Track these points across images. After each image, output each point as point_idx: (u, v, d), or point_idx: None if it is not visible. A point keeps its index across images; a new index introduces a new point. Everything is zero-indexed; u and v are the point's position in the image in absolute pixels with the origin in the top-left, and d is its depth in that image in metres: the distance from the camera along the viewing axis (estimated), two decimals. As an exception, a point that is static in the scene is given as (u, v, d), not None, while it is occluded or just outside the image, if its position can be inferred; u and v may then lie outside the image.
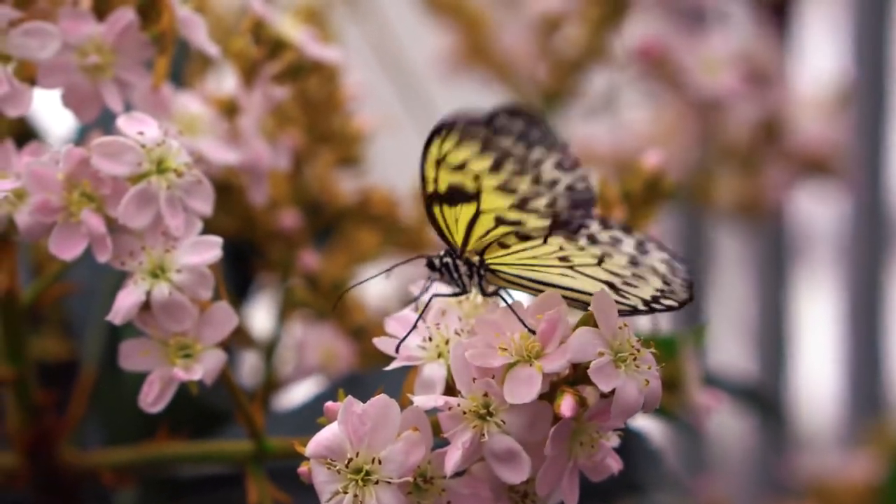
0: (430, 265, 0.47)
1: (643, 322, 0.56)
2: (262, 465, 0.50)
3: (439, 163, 0.45)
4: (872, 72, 1.12)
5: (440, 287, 0.48)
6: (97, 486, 0.55)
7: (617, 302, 0.46)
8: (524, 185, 0.45)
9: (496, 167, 0.45)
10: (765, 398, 0.81)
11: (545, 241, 0.46)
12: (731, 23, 1.07)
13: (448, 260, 0.47)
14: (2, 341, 0.53)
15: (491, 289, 0.48)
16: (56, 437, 0.55)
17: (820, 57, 1.18)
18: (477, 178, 0.45)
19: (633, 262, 0.47)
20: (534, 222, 0.46)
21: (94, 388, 0.59)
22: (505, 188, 0.45)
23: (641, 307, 0.47)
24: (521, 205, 0.45)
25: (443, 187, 0.46)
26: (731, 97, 0.87)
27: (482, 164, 0.45)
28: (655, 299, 0.46)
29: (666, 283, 0.46)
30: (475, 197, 0.46)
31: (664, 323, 0.58)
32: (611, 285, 0.46)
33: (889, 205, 1.14)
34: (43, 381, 0.55)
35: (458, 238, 0.47)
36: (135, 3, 0.51)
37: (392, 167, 0.72)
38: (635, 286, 0.46)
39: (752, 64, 0.88)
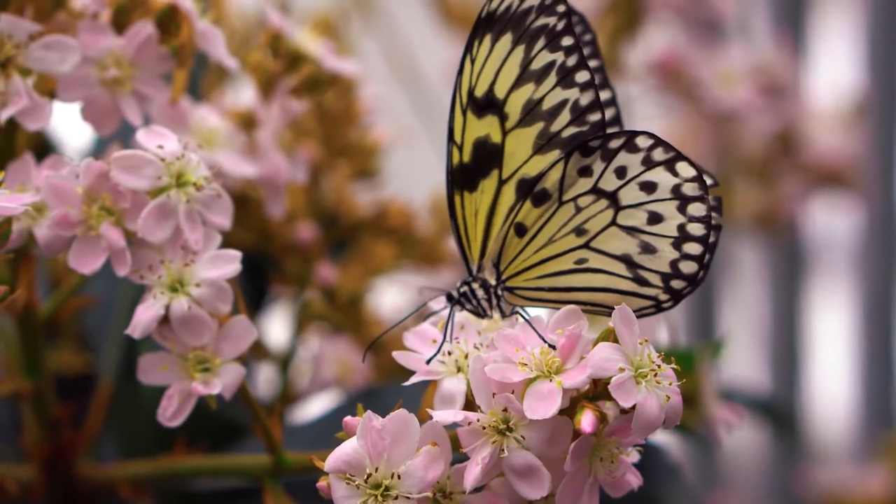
0: (449, 298, 0.48)
1: (661, 335, 0.56)
2: (280, 479, 0.50)
3: (469, 103, 0.46)
4: (887, 85, 1.12)
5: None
6: (114, 499, 0.55)
7: (636, 294, 0.46)
8: (549, 92, 0.45)
9: (525, 67, 0.45)
10: (778, 410, 0.81)
11: (561, 202, 0.46)
12: (746, 35, 1.07)
13: (465, 289, 0.47)
14: (20, 354, 0.53)
15: (509, 309, 0.48)
16: (73, 451, 0.55)
17: (835, 70, 1.18)
18: (502, 110, 0.45)
19: (644, 190, 0.46)
20: (555, 172, 0.46)
21: (111, 401, 0.59)
22: (530, 109, 0.45)
23: (663, 296, 0.46)
24: (546, 128, 0.45)
25: (468, 150, 0.46)
26: (747, 110, 0.87)
27: (511, 70, 0.45)
28: (675, 267, 0.46)
29: (680, 222, 0.46)
30: (499, 155, 0.46)
31: (681, 335, 0.58)
32: (628, 261, 0.46)
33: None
34: (60, 395, 0.55)
35: (476, 244, 0.47)
36: (154, 16, 0.51)
37: (408, 180, 0.72)
38: (653, 251, 0.46)
39: (767, 77, 0.88)
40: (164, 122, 0.51)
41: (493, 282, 0.47)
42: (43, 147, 0.60)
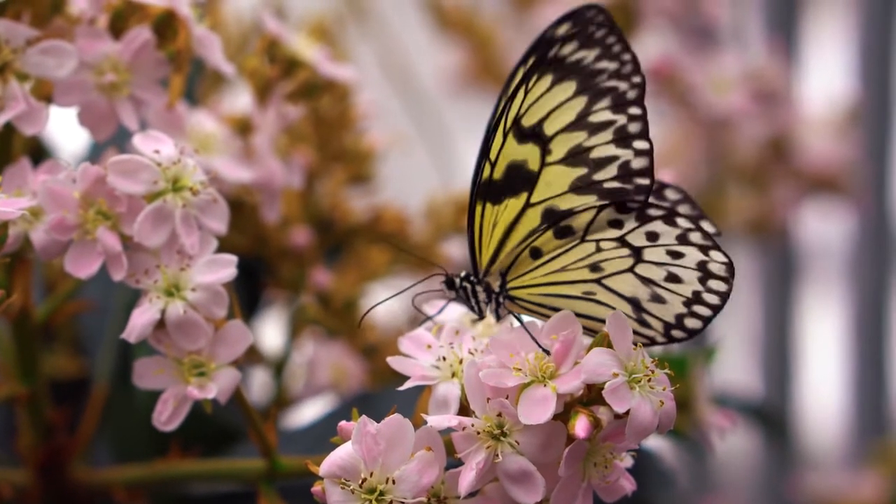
0: (450, 284, 0.47)
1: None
2: (274, 484, 0.50)
3: (513, 128, 0.45)
4: (879, 91, 1.12)
5: (454, 306, 0.48)
6: (109, 503, 0.55)
7: (635, 332, 0.46)
8: (601, 145, 0.45)
9: (582, 117, 0.45)
10: (770, 416, 0.81)
11: (583, 239, 0.46)
12: (740, 42, 1.07)
13: (467, 285, 0.47)
14: (15, 359, 0.53)
15: (506, 314, 0.48)
16: (68, 455, 0.55)
17: (827, 76, 1.18)
18: (547, 145, 0.45)
19: (671, 255, 0.46)
20: (586, 215, 0.46)
21: (106, 405, 0.59)
22: (577, 153, 0.45)
23: (660, 339, 0.46)
24: (588, 175, 0.45)
25: (500, 169, 0.46)
26: (740, 116, 0.87)
27: (566, 114, 0.45)
28: (679, 320, 0.46)
29: (697, 289, 0.46)
30: (532, 181, 0.46)
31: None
32: (636, 304, 0.46)
33: (895, 223, 1.14)
34: (55, 399, 0.55)
35: (488, 252, 0.47)
36: (151, 21, 0.51)
37: (403, 185, 0.72)
38: (662, 301, 0.46)
39: (760, 83, 0.89)
40: (161, 127, 0.51)
41: (496, 288, 0.47)
42: (39, 151, 0.60)
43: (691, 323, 0.46)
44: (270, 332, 0.70)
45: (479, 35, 0.89)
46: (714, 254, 0.46)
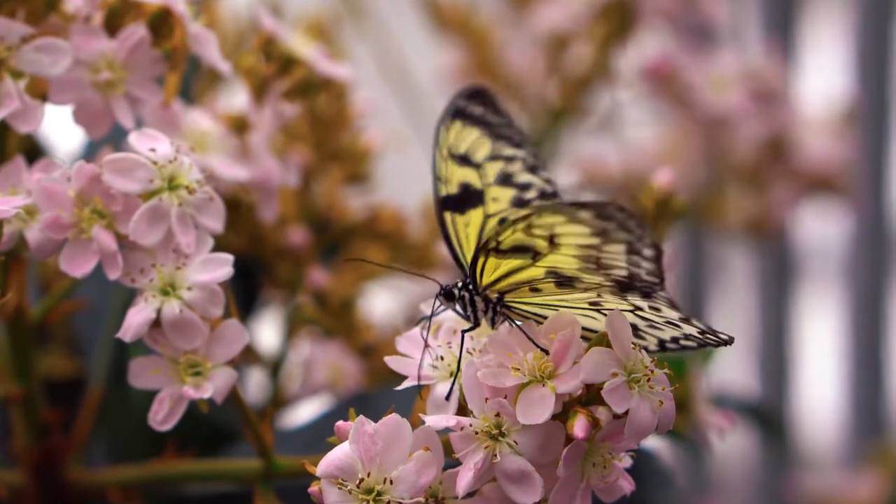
0: (449, 296, 0.47)
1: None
2: (271, 484, 0.50)
3: (523, 224, 0.45)
4: (876, 91, 1.12)
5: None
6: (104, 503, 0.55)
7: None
8: (612, 253, 0.44)
9: (596, 234, 0.44)
10: (767, 416, 0.81)
11: (584, 290, 0.46)
12: (738, 41, 1.07)
13: (465, 294, 0.47)
14: (10, 359, 0.53)
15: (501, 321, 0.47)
16: (63, 455, 0.55)
17: (825, 76, 1.18)
18: (557, 239, 0.44)
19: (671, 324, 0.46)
20: (592, 279, 0.45)
21: (102, 405, 0.59)
22: (587, 253, 0.44)
23: (652, 348, 0.46)
24: (598, 263, 0.45)
25: (508, 244, 0.45)
26: (738, 115, 0.87)
27: (579, 238, 0.44)
28: (675, 340, 0.46)
29: (695, 335, 0.46)
30: (540, 255, 0.45)
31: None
32: (633, 328, 0.46)
33: (892, 223, 1.14)
34: (50, 399, 0.55)
35: (487, 279, 0.46)
36: (146, 19, 0.51)
37: (400, 184, 0.72)
38: (660, 329, 0.46)
39: (758, 82, 0.88)
40: (157, 125, 0.51)
41: (494, 299, 0.47)
42: (34, 150, 0.60)
43: (687, 342, 0.46)
44: (267, 331, 0.70)
45: (476, 34, 0.88)
46: (711, 339, 0.46)
